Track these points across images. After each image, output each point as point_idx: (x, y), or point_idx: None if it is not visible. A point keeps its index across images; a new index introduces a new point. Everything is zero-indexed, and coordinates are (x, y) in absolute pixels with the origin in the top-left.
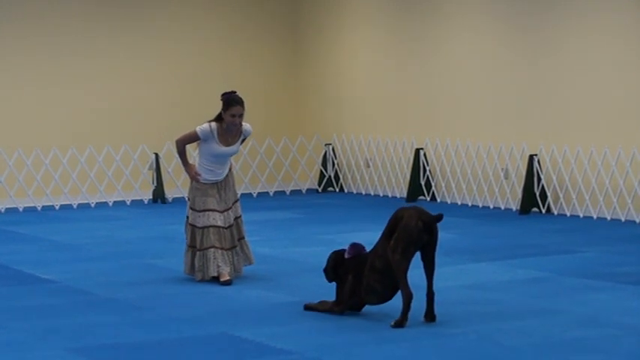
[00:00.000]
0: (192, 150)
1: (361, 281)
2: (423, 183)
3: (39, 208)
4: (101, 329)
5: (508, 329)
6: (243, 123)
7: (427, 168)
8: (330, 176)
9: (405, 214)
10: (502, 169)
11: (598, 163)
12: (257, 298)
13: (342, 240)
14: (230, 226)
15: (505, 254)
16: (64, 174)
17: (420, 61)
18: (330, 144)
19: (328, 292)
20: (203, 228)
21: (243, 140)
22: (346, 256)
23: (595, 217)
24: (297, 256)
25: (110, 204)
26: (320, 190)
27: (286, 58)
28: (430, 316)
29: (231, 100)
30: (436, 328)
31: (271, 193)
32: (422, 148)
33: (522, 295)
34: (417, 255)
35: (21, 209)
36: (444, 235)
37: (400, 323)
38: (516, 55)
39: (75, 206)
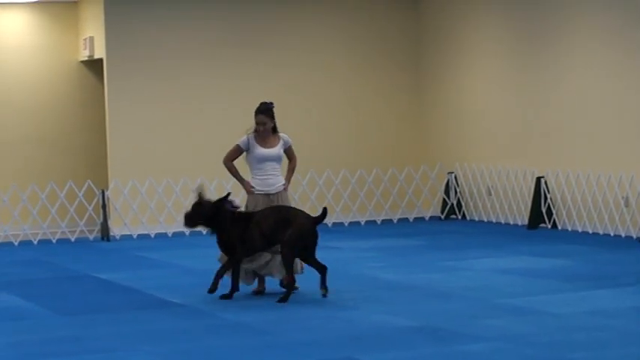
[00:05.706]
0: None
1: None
2: (544, 211)
3: (169, 235)
4: (227, 352)
5: (629, 355)
6: (282, 134)
7: (548, 196)
8: (452, 204)
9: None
10: (622, 197)
11: None
12: (381, 322)
13: (464, 266)
14: None
15: (626, 281)
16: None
17: (541, 90)
18: (453, 172)
19: (450, 317)
20: None
21: (289, 150)
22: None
23: None
24: (420, 282)
25: None
26: (443, 217)
27: (410, 89)
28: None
29: (256, 110)
30: (556, 353)
31: (395, 221)
32: (543, 177)
33: None
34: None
35: (152, 235)
36: (565, 262)
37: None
38: (636, 82)
39: (204, 232)
